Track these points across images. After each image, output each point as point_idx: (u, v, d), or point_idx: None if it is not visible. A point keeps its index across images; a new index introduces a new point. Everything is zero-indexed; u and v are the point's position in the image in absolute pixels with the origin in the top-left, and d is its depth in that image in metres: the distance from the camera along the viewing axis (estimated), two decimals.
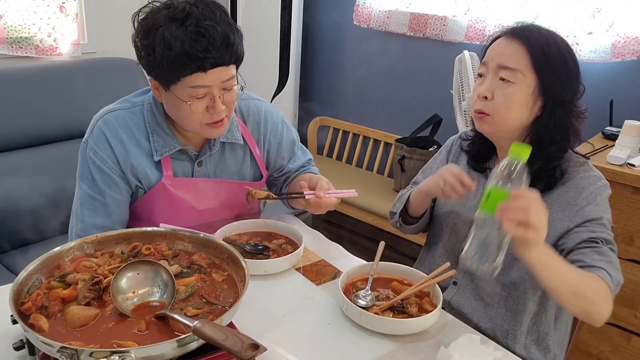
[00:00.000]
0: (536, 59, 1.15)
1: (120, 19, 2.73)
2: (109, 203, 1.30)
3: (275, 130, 1.48)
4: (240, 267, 1.04)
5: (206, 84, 1.17)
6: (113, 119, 1.31)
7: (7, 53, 2.35)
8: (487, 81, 1.20)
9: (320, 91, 3.46)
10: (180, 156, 1.35)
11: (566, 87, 1.17)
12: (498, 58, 1.18)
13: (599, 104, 2.13)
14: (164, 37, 1.13)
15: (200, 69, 1.14)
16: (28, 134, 2.12)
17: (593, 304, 1.10)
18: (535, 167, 1.19)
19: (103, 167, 1.28)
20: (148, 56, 1.17)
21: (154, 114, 1.31)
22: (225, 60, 1.17)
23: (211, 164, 1.39)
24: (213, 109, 1.21)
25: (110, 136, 1.29)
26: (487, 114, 1.19)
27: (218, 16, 1.16)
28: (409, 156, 2.73)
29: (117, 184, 1.30)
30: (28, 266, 0.97)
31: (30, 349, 0.92)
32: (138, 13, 1.21)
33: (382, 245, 1.27)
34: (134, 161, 1.30)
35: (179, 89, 1.18)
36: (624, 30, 2.14)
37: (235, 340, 0.81)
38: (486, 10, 2.52)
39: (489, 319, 1.30)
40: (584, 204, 1.18)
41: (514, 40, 1.17)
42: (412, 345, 1.07)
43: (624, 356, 1.96)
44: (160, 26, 1.14)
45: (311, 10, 3.29)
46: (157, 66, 1.16)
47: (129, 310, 0.95)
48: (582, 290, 1.08)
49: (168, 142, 1.31)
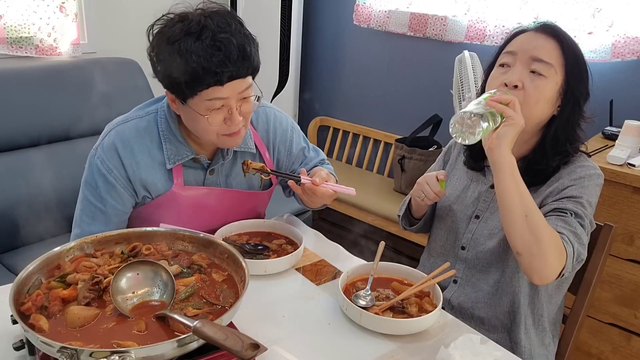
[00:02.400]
0: (569, 58, 1.17)
1: (120, 19, 2.73)
2: (109, 212, 1.29)
3: (284, 137, 1.46)
4: (240, 267, 1.04)
5: (223, 96, 1.16)
6: (126, 130, 1.29)
7: (7, 53, 2.35)
8: (517, 70, 1.18)
9: (320, 91, 3.46)
10: (193, 164, 1.33)
11: (585, 90, 1.20)
12: (532, 50, 1.17)
13: (599, 104, 2.12)
14: (180, 52, 1.11)
15: (217, 82, 1.13)
16: (28, 134, 2.12)
17: (540, 245, 1.08)
18: (545, 164, 1.22)
19: (108, 177, 1.27)
20: (164, 71, 1.16)
21: (167, 122, 1.30)
22: (242, 73, 1.16)
23: (222, 172, 1.38)
24: (230, 121, 1.20)
25: (121, 148, 1.27)
26: None
27: (233, 28, 1.15)
28: (409, 156, 2.73)
29: (120, 194, 1.29)
30: (28, 266, 0.97)
31: (30, 349, 0.92)
32: (152, 26, 1.19)
33: (382, 245, 1.27)
34: (144, 173, 1.28)
35: (196, 103, 1.17)
36: (624, 30, 2.14)
37: (235, 340, 0.81)
38: (486, 10, 2.52)
39: (490, 308, 1.31)
40: (570, 185, 1.20)
41: (548, 36, 1.18)
42: (412, 346, 1.07)
43: (624, 356, 1.96)
44: (176, 40, 1.12)
45: (311, 10, 3.29)
46: (173, 81, 1.15)
47: (129, 310, 0.95)
48: (535, 219, 1.09)
49: (181, 150, 1.30)
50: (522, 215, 1.10)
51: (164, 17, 1.18)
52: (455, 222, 1.38)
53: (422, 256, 1.51)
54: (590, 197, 1.20)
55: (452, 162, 1.45)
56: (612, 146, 1.90)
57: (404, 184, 2.80)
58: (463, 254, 1.35)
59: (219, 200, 1.38)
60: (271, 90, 3.15)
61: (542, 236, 1.09)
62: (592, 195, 1.20)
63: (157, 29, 1.18)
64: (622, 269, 1.87)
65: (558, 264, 1.10)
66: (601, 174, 1.23)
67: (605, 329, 1.96)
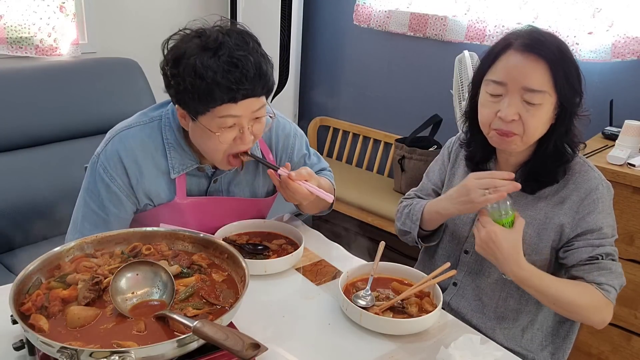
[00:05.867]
0: (557, 77, 1.12)
1: (120, 19, 2.73)
2: (111, 220, 1.28)
3: (286, 143, 1.44)
4: (240, 267, 1.04)
5: (236, 114, 1.15)
6: (130, 137, 1.27)
7: (7, 53, 2.35)
8: (511, 103, 1.14)
9: (320, 91, 3.45)
10: (197, 172, 1.33)
11: (578, 95, 1.17)
12: (521, 79, 1.12)
13: (599, 104, 2.13)
14: (196, 67, 1.09)
15: (232, 100, 1.12)
16: (28, 134, 2.12)
17: (580, 313, 1.16)
18: (546, 171, 1.21)
19: (111, 185, 1.25)
20: (178, 85, 1.14)
21: (172, 130, 1.28)
22: (257, 92, 1.15)
23: (225, 180, 1.38)
24: (241, 140, 1.19)
25: (124, 156, 1.25)
26: (516, 134, 1.16)
27: (251, 46, 1.14)
28: (409, 156, 2.73)
29: (123, 202, 1.28)
30: (28, 266, 0.97)
31: (30, 349, 0.92)
32: (168, 40, 1.17)
33: (382, 245, 1.27)
34: (148, 182, 1.27)
35: (208, 119, 1.15)
36: (624, 30, 2.14)
37: (235, 340, 0.81)
38: (486, 10, 2.52)
39: (488, 319, 1.30)
40: (586, 212, 1.19)
41: (535, 58, 1.11)
42: (412, 346, 1.07)
43: (624, 356, 1.96)
44: (192, 55, 1.10)
45: (311, 10, 3.29)
46: (186, 96, 1.14)
47: (128, 310, 0.95)
48: (565, 300, 1.14)
49: (185, 159, 1.29)
50: (550, 303, 1.17)
51: (180, 31, 1.17)
52: (457, 225, 1.36)
53: (420, 256, 1.50)
54: (610, 218, 1.21)
55: (453, 161, 1.43)
56: (612, 146, 1.90)
57: (404, 184, 2.80)
58: (466, 258, 1.35)
59: (222, 208, 1.37)
60: None
61: (579, 307, 1.15)
62: (610, 216, 1.21)
63: (172, 43, 1.16)
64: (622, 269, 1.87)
65: (606, 313, 1.16)
66: (609, 185, 1.22)
67: (605, 329, 1.95)
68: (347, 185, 2.94)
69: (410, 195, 1.50)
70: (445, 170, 1.44)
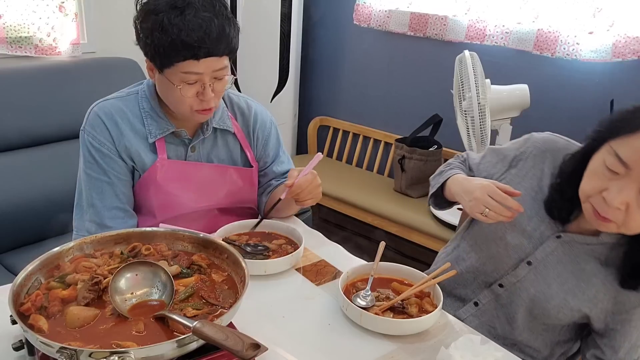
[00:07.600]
0: None
1: (120, 18, 2.72)
2: (115, 182, 1.34)
3: (263, 126, 1.52)
4: (240, 267, 1.04)
5: (198, 71, 1.22)
6: (109, 105, 1.36)
7: (6, 53, 2.35)
8: (624, 190, 0.97)
9: (320, 91, 3.46)
10: (174, 140, 1.39)
11: None
12: None
13: (599, 104, 2.13)
14: (163, 23, 1.18)
15: (194, 57, 1.20)
16: (28, 134, 2.12)
17: None
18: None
19: (103, 149, 1.33)
20: (146, 39, 1.23)
21: (148, 101, 1.37)
22: (218, 51, 1.22)
23: (204, 150, 1.43)
24: (202, 96, 1.26)
25: (105, 119, 1.34)
26: (613, 222, 1.01)
27: (217, 9, 1.22)
28: (409, 156, 2.73)
29: (118, 163, 1.34)
30: (27, 266, 0.97)
31: (30, 350, 0.92)
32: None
33: (382, 245, 1.27)
34: (128, 143, 1.34)
35: (172, 73, 1.24)
36: (624, 30, 2.14)
37: (236, 340, 0.81)
38: (486, 10, 2.52)
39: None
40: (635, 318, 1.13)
41: None
42: (412, 346, 1.07)
43: None
44: (160, 12, 1.19)
45: (311, 10, 3.29)
46: (153, 49, 1.22)
47: (127, 310, 0.95)
48: None
49: (162, 125, 1.36)
50: None
51: None
52: (501, 256, 1.24)
53: (447, 250, 1.42)
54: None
55: (522, 176, 1.24)
56: None
57: (404, 184, 2.80)
58: (498, 290, 1.27)
59: (203, 173, 1.43)
60: (271, 90, 3.14)
61: None
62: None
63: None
64: None
65: None
66: None
67: None
68: (347, 185, 2.94)
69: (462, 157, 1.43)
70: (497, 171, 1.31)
